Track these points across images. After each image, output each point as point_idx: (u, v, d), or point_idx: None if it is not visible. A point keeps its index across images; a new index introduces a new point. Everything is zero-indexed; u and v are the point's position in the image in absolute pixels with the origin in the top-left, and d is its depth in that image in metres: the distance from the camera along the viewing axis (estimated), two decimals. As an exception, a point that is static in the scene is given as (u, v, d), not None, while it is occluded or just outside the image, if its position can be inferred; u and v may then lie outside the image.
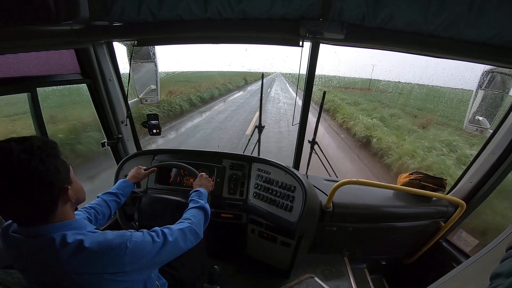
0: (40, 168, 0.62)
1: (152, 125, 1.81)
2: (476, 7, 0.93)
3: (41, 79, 1.36)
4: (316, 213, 1.54)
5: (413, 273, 1.93)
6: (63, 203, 0.70)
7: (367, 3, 1.02)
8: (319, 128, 1.80)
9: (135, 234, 0.76)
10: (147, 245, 0.76)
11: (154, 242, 0.78)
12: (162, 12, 1.13)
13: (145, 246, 0.75)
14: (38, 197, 0.63)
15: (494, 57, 1.13)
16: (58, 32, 1.15)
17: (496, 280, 0.46)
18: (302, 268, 1.77)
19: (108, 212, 1.13)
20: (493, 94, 1.48)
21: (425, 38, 1.09)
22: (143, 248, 0.74)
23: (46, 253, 0.66)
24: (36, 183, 0.62)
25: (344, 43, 1.27)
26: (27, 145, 0.62)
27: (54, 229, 0.67)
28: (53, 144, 0.70)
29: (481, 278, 0.62)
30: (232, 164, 1.68)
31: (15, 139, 0.64)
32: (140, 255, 0.73)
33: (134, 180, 1.34)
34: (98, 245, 0.67)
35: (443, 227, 1.68)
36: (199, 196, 1.17)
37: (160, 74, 1.88)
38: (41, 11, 0.93)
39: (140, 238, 0.75)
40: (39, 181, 0.62)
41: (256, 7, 1.10)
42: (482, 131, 1.54)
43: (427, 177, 1.68)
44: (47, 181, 0.64)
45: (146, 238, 0.77)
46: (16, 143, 0.62)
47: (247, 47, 5.07)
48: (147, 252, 0.75)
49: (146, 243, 0.76)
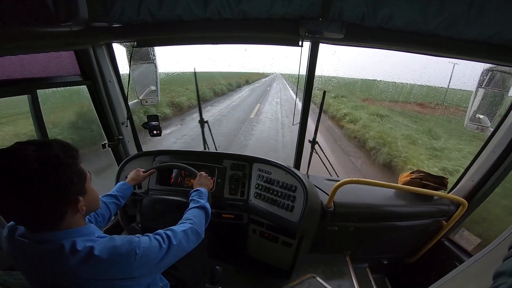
0: (51, 178, 0.60)
1: (152, 126, 1.81)
2: (476, 6, 0.93)
3: (41, 80, 1.36)
4: (317, 213, 1.54)
5: (415, 272, 1.93)
6: (73, 213, 0.68)
7: (367, 3, 1.02)
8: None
9: (143, 240, 0.75)
10: (154, 251, 0.76)
11: (161, 247, 0.78)
12: (162, 13, 1.13)
13: (153, 252, 0.75)
14: (46, 206, 0.62)
15: (494, 56, 1.13)
16: (58, 34, 1.14)
17: (499, 278, 0.45)
18: (304, 268, 1.77)
19: (108, 214, 1.13)
20: (494, 93, 1.48)
21: (425, 38, 1.09)
22: (151, 253, 0.74)
23: (54, 259, 0.65)
24: (46, 192, 0.60)
25: (343, 42, 1.28)
26: (43, 152, 0.61)
27: (63, 236, 0.66)
28: (72, 152, 0.68)
29: (484, 277, 0.62)
30: (232, 165, 1.67)
31: (37, 143, 0.62)
32: (148, 261, 0.73)
33: (134, 183, 1.33)
34: (108, 252, 0.66)
35: (445, 226, 1.67)
36: (200, 196, 1.17)
37: (160, 75, 1.88)
38: (41, 13, 0.94)
39: (147, 244, 0.75)
40: (49, 191, 0.61)
41: (256, 7, 1.10)
42: (483, 130, 1.53)
43: (428, 176, 1.68)
44: (57, 191, 0.62)
45: (153, 244, 0.77)
46: (34, 148, 0.60)
47: (246, 47, 5.07)
48: (155, 257, 0.75)
49: (154, 249, 0.76)
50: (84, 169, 0.72)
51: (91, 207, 0.77)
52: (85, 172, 0.72)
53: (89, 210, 0.76)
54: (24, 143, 0.62)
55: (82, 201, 0.69)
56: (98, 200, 0.81)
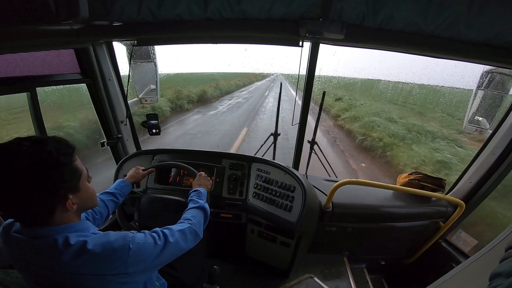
0: (41, 175, 0.61)
1: (151, 125, 1.81)
2: (475, 7, 0.93)
3: (41, 78, 1.36)
4: (316, 213, 1.54)
5: (413, 273, 1.93)
6: (63, 210, 0.68)
7: (367, 3, 1.02)
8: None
9: (137, 235, 0.75)
10: (149, 247, 0.75)
11: (156, 244, 0.77)
12: (162, 12, 1.13)
13: (148, 248, 0.75)
14: (35, 201, 0.62)
15: (493, 58, 1.13)
16: (58, 32, 1.14)
17: (495, 280, 0.46)
18: (302, 268, 1.77)
19: (106, 212, 1.12)
20: (493, 95, 1.49)
21: (424, 39, 1.09)
22: (146, 250, 0.74)
23: (48, 254, 0.65)
24: (34, 188, 0.61)
25: (344, 43, 1.28)
26: (37, 148, 0.61)
27: (57, 231, 0.67)
28: (67, 150, 0.67)
29: (481, 278, 0.62)
30: (231, 164, 1.67)
31: (32, 139, 0.63)
32: (142, 257, 0.73)
33: (133, 180, 1.33)
34: (101, 247, 0.67)
35: (443, 227, 1.68)
36: (199, 196, 1.17)
37: (160, 75, 1.88)
38: (41, 11, 0.93)
39: (142, 239, 0.75)
40: (38, 187, 0.61)
41: (256, 7, 1.10)
42: (482, 131, 1.54)
43: (426, 177, 1.68)
44: (46, 188, 0.62)
45: (148, 240, 0.76)
46: (28, 144, 0.61)
47: (247, 47, 5.07)
48: (150, 253, 0.75)
49: (148, 245, 0.76)
50: (79, 167, 0.71)
51: (85, 205, 0.76)
52: (80, 170, 0.71)
53: (83, 207, 0.76)
54: (23, 139, 0.63)
55: (72, 198, 0.68)
56: (95, 197, 0.80)
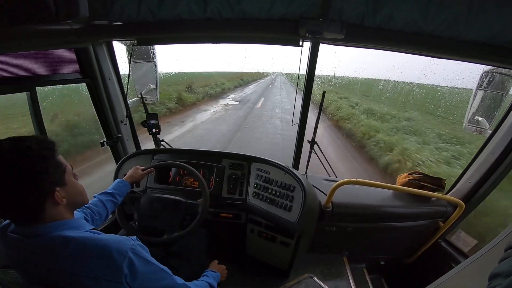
0: (24, 167, 0.61)
1: (151, 124, 1.81)
2: (475, 7, 0.94)
3: (41, 78, 1.36)
4: (315, 213, 1.54)
5: (412, 273, 1.94)
6: (53, 205, 0.67)
7: (367, 3, 1.02)
8: None
9: (137, 244, 0.72)
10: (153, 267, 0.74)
11: (162, 270, 0.77)
12: (162, 12, 1.13)
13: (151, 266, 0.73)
14: (21, 196, 0.62)
15: (493, 58, 1.13)
16: (58, 32, 1.14)
17: (494, 280, 0.46)
18: (301, 268, 1.77)
19: (104, 212, 1.12)
20: (492, 95, 1.49)
21: (424, 38, 1.09)
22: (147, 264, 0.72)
23: (44, 253, 0.65)
24: (19, 183, 0.61)
25: (344, 43, 1.27)
26: (18, 144, 0.63)
27: (52, 229, 0.66)
28: (48, 144, 0.68)
29: (480, 278, 0.62)
30: (231, 164, 1.67)
31: (12, 137, 0.64)
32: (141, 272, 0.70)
33: (132, 180, 1.33)
34: (96, 247, 0.66)
35: (442, 227, 1.68)
36: (215, 278, 1.15)
37: (160, 75, 1.88)
38: (41, 11, 0.93)
39: (143, 253, 0.72)
40: (23, 180, 0.61)
41: (256, 7, 1.10)
42: (481, 131, 1.54)
43: (426, 177, 1.68)
44: (31, 180, 0.62)
45: (152, 260, 0.74)
46: (8, 141, 0.63)
47: (246, 47, 5.06)
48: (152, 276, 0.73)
49: (153, 266, 0.74)
50: (63, 161, 0.72)
51: (75, 200, 0.75)
52: (64, 164, 0.72)
53: (74, 202, 0.75)
54: (5, 139, 0.64)
55: (60, 191, 0.68)
56: (84, 193, 0.79)
